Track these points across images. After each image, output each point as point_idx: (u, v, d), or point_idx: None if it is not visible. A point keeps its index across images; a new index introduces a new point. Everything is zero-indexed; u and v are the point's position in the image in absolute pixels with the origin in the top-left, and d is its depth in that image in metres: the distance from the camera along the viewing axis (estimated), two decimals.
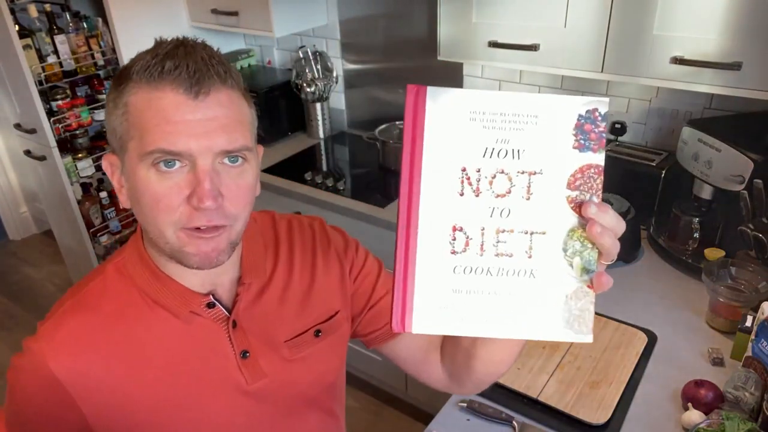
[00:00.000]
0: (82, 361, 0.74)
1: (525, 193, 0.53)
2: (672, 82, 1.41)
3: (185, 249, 0.69)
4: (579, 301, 0.54)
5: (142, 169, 0.67)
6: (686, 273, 1.48)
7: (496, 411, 1.10)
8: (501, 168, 0.53)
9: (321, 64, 2.39)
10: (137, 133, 0.67)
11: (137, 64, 0.67)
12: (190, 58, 0.66)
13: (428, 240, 0.53)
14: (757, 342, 1.07)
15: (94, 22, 2.74)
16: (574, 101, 0.53)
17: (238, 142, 0.68)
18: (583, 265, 0.54)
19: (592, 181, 0.54)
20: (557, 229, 0.53)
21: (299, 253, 0.88)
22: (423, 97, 0.52)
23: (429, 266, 0.54)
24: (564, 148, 0.53)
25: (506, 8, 1.58)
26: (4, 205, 3.57)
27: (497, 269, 0.54)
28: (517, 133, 0.53)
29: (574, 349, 1.23)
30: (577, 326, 0.54)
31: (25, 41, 2.47)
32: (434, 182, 0.53)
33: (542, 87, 1.94)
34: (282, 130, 2.48)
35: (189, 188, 0.67)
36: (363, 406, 2.31)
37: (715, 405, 1.05)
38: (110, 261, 0.81)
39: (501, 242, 0.54)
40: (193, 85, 0.65)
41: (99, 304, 0.76)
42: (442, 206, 0.53)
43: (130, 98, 0.67)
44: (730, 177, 1.35)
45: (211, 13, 2.30)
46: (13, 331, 2.92)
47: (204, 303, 0.78)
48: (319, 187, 2.06)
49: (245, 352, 0.81)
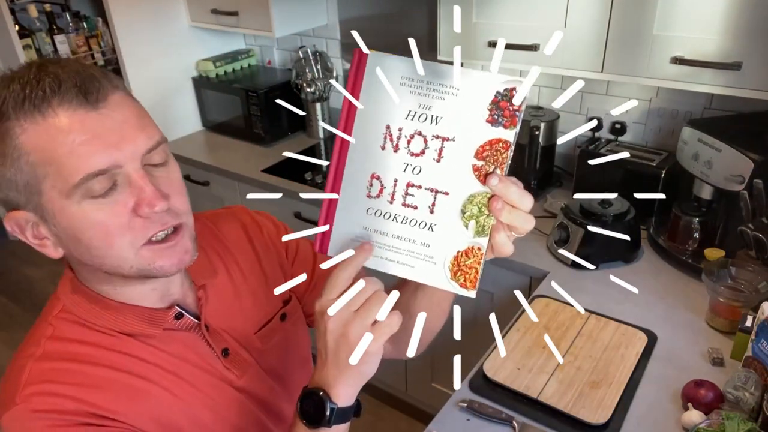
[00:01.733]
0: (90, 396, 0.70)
1: (436, 156, 0.59)
2: (672, 82, 1.41)
3: (155, 265, 0.67)
4: (468, 259, 0.60)
5: (73, 205, 0.61)
6: (686, 273, 1.48)
7: (496, 411, 1.10)
8: (419, 130, 0.59)
9: (321, 64, 2.39)
10: (50, 169, 0.60)
11: (7, 101, 0.59)
12: (65, 71, 0.60)
13: (351, 181, 0.61)
14: (757, 342, 1.07)
15: (94, 22, 2.74)
16: (494, 78, 0.57)
17: (156, 135, 0.65)
18: (477, 228, 0.59)
19: (499, 155, 0.58)
20: (459, 192, 0.59)
21: (237, 246, 0.88)
22: (364, 61, 0.59)
23: (348, 203, 0.62)
24: (477, 121, 0.58)
25: (506, 8, 1.58)
26: None
27: (402, 217, 0.61)
28: (438, 101, 0.58)
29: (574, 350, 1.23)
30: (462, 281, 0.60)
31: (25, 41, 2.48)
32: (363, 134, 0.60)
33: (542, 87, 1.94)
34: (282, 130, 2.48)
35: (131, 200, 0.63)
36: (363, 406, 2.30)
37: (715, 405, 1.05)
38: (48, 315, 0.74)
39: (409, 195, 0.60)
40: (87, 95, 0.60)
41: (70, 352, 0.71)
42: (365, 156, 0.60)
43: (20, 139, 0.59)
44: (730, 177, 1.35)
45: (211, 13, 2.30)
46: (12, 331, 2.92)
47: (172, 316, 0.76)
48: (319, 188, 2.06)
49: (225, 350, 0.82)
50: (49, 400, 0.67)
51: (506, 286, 1.60)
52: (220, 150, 2.43)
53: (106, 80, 0.63)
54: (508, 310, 1.36)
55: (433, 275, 0.61)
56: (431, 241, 0.60)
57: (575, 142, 1.95)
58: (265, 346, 0.87)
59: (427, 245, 0.60)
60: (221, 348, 0.81)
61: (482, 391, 1.15)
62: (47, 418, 0.67)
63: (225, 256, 0.87)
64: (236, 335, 0.84)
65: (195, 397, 0.78)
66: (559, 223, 1.56)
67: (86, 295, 0.73)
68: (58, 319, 0.73)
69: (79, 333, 0.72)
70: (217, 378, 0.81)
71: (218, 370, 0.81)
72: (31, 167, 0.60)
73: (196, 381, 0.79)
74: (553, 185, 1.95)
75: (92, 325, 0.73)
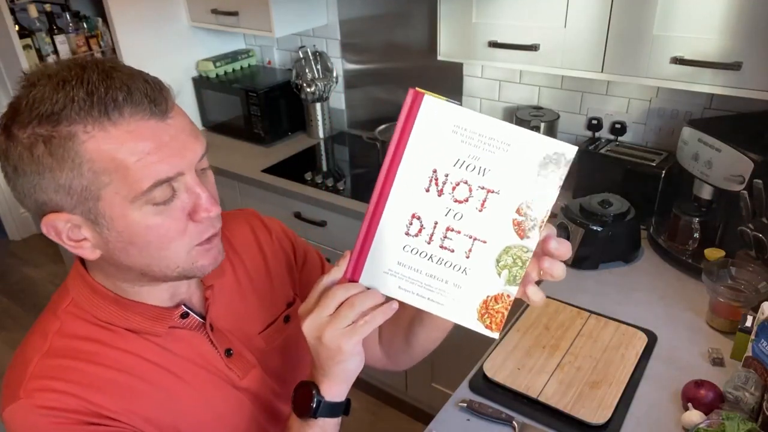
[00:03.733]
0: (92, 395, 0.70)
1: (479, 206, 0.61)
2: (672, 82, 1.41)
3: (197, 264, 0.70)
4: (497, 305, 0.63)
5: (135, 211, 0.62)
6: (686, 273, 1.48)
7: (496, 411, 1.10)
8: (465, 179, 0.61)
9: (321, 64, 2.39)
10: (116, 176, 0.60)
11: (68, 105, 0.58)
12: (132, 80, 0.60)
13: (391, 217, 0.63)
14: (757, 342, 1.07)
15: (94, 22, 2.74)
16: (543, 142, 0.59)
17: (204, 140, 0.68)
18: (509, 278, 0.63)
19: (540, 212, 0.61)
20: (497, 242, 0.62)
21: (245, 248, 0.90)
22: (419, 102, 0.60)
23: (385, 238, 0.63)
24: (524, 178, 0.60)
25: (506, 8, 1.58)
26: (4, 205, 3.57)
27: (438, 258, 0.63)
28: (488, 154, 0.60)
29: (574, 350, 1.23)
30: (488, 322, 0.64)
31: (25, 41, 2.48)
32: (408, 173, 0.61)
33: (542, 87, 1.94)
34: (282, 130, 2.48)
35: (188, 206, 0.66)
36: (363, 406, 2.31)
37: (715, 405, 1.05)
38: (58, 308, 0.74)
39: (448, 238, 0.62)
40: (157, 105, 0.61)
41: (75, 349, 0.71)
42: (409, 195, 0.62)
43: (85, 146, 0.59)
44: (730, 177, 1.35)
45: (211, 13, 2.30)
46: (12, 331, 2.92)
47: (178, 315, 0.78)
48: (319, 187, 2.06)
49: (228, 350, 0.82)
50: (52, 397, 0.67)
51: None
52: (220, 150, 2.43)
53: (165, 90, 0.64)
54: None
55: (460, 314, 0.64)
56: (463, 284, 0.63)
57: (575, 142, 1.95)
58: (268, 347, 0.88)
59: (459, 287, 0.63)
60: (224, 348, 0.82)
61: (482, 391, 1.15)
62: (51, 415, 0.67)
63: (232, 256, 0.88)
64: (240, 335, 0.84)
65: (194, 397, 0.78)
66: (559, 223, 1.57)
67: (96, 290, 0.74)
68: (66, 312, 0.74)
69: (85, 329, 0.73)
70: (219, 378, 0.81)
71: (220, 370, 0.81)
72: (94, 174, 0.60)
73: (197, 381, 0.79)
74: None
75: (98, 321, 0.73)
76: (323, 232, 2.06)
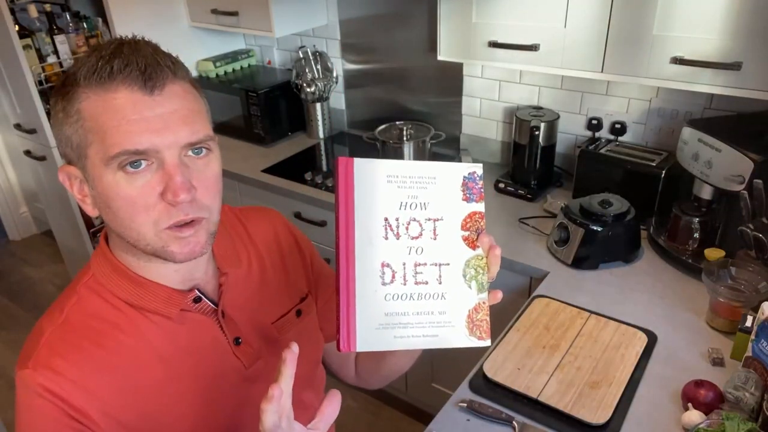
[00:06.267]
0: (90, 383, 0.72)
1: (432, 235, 0.69)
2: (672, 82, 1.41)
3: (168, 248, 0.70)
4: (479, 314, 0.69)
5: (109, 174, 0.66)
6: (686, 273, 1.48)
7: (496, 411, 1.10)
8: (413, 217, 0.68)
9: (321, 64, 2.39)
10: (96, 137, 0.66)
11: (82, 68, 0.66)
12: (137, 55, 0.66)
13: (363, 275, 0.66)
14: (757, 342, 1.07)
15: (94, 22, 2.74)
16: (459, 167, 0.70)
17: (201, 132, 0.70)
18: (478, 287, 0.69)
19: (478, 223, 0.70)
20: (457, 260, 0.69)
21: (264, 242, 0.93)
22: (351, 166, 0.66)
23: (366, 296, 0.66)
24: (456, 200, 0.70)
25: (506, 8, 1.58)
26: (4, 205, 3.57)
27: (417, 294, 0.68)
28: (422, 190, 0.69)
29: (574, 350, 1.23)
30: (479, 334, 0.69)
31: (25, 41, 2.48)
32: (365, 230, 0.67)
33: (542, 87, 1.94)
34: (282, 130, 2.48)
35: (161, 185, 0.67)
36: (363, 406, 2.31)
37: (715, 405, 1.05)
38: (78, 282, 0.79)
39: (418, 273, 0.68)
40: (147, 81, 0.65)
41: (85, 326, 0.75)
42: (371, 248, 0.67)
43: (82, 104, 0.66)
44: (730, 177, 1.35)
45: (211, 13, 2.30)
46: (12, 331, 2.92)
47: (190, 299, 0.79)
48: (319, 188, 2.06)
49: (237, 338, 0.84)
50: (52, 378, 0.71)
51: (506, 286, 1.60)
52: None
53: (170, 70, 0.68)
54: (508, 310, 1.36)
55: (454, 337, 0.69)
56: (446, 308, 0.68)
57: (575, 142, 1.95)
58: (281, 337, 0.89)
59: (444, 312, 0.68)
60: (234, 336, 0.83)
61: (482, 391, 1.15)
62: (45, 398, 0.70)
63: (250, 248, 0.91)
64: (253, 324, 0.86)
65: (191, 389, 0.79)
66: (559, 223, 1.57)
67: (113, 265, 0.77)
68: (86, 287, 0.77)
69: (98, 307, 0.76)
70: (224, 365, 0.83)
71: (227, 358, 0.83)
72: (84, 131, 0.66)
73: (198, 369, 0.80)
74: (553, 185, 1.95)
75: (113, 298, 0.76)
76: (323, 232, 2.06)
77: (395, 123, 2.24)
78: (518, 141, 1.91)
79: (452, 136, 2.23)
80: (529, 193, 1.88)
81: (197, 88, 0.74)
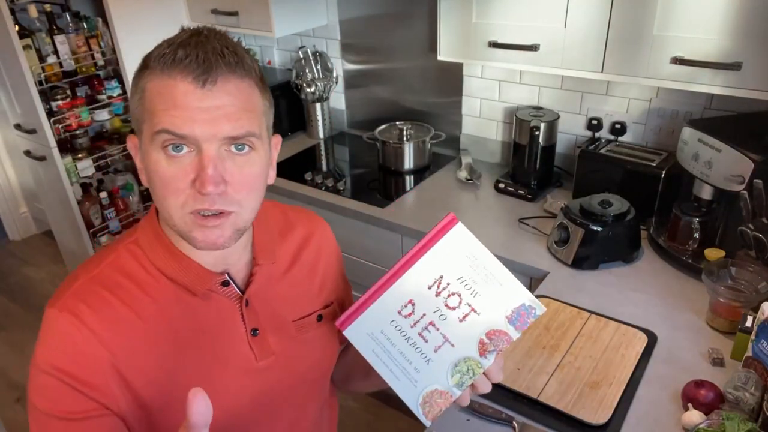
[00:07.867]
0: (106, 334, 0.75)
1: (462, 317, 0.75)
2: (672, 82, 1.41)
3: (191, 233, 0.73)
4: (440, 398, 0.75)
5: (154, 151, 0.70)
6: (686, 273, 1.48)
7: (496, 411, 1.10)
8: (460, 293, 0.75)
9: (321, 64, 2.39)
10: (148, 116, 0.70)
11: (156, 51, 0.71)
12: (201, 48, 0.69)
13: (393, 293, 0.76)
14: (757, 342, 1.07)
15: (94, 22, 2.74)
16: (526, 294, 0.75)
17: (243, 128, 0.71)
18: (458, 382, 0.75)
19: (501, 343, 0.75)
20: (462, 351, 0.75)
21: (306, 244, 0.95)
22: (451, 225, 0.76)
23: (382, 308, 0.76)
24: (501, 313, 0.75)
25: (506, 8, 1.58)
26: (4, 205, 3.57)
27: (413, 342, 0.75)
28: (484, 283, 0.76)
29: (574, 350, 1.23)
30: (426, 410, 0.75)
31: (25, 41, 2.47)
32: (422, 270, 0.76)
33: (542, 87, 1.94)
34: (282, 130, 2.48)
35: (194, 173, 0.70)
36: (363, 406, 2.31)
37: (715, 405, 1.05)
38: (122, 241, 0.83)
39: (427, 330, 0.75)
40: (202, 74, 0.68)
41: (115, 282, 0.78)
42: (415, 284, 0.76)
43: (147, 84, 0.71)
44: (730, 177, 1.35)
45: (211, 13, 2.30)
46: (12, 331, 2.92)
47: (219, 281, 0.82)
48: (319, 188, 2.06)
49: (255, 329, 0.85)
50: (75, 322, 0.74)
51: None
52: None
53: (230, 68, 0.70)
54: None
55: (409, 395, 0.75)
56: (423, 370, 0.75)
57: (575, 142, 1.95)
58: (299, 336, 0.90)
59: (418, 371, 0.75)
60: (252, 326, 0.84)
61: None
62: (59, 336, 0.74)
63: (289, 246, 0.93)
64: (273, 319, 0.87)
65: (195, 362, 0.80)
66: (559, 223, 1.57)
67: (158, 235, 0.80)
68: (126, 248, 0.81)
69: (132, 268, 0.80)
70: (236, 352, 0.83)
71: (241, 346, 0.84)
72: (142, 108, 0.72)
73: (208, 348, 0.81)
74: (553, 185, 1.95)
75: (148, 265, 0.80)
76: None
77: (395, 123, 2.24)
78: (518, 141, 1.91)
79: (452, 136, 2.23)
80: (529, 193, 1.88)
81: (261, 87, 0.76)
